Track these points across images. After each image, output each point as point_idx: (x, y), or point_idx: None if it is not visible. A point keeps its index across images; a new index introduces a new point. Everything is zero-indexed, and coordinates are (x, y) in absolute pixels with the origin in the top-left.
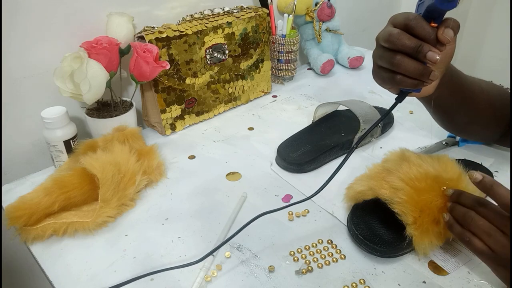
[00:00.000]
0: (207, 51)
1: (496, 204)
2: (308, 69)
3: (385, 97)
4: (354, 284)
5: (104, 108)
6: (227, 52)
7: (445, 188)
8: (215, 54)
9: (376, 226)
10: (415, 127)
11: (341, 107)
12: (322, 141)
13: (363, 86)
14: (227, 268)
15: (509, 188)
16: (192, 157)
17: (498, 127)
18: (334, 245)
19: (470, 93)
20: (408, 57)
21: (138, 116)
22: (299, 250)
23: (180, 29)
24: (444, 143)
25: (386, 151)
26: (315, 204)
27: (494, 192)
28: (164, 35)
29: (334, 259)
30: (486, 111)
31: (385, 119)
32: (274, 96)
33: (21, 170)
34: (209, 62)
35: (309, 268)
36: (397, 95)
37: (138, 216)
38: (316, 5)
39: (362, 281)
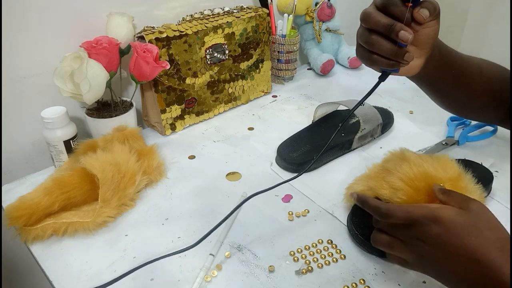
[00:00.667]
0: (207, 51)
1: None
2: (308, 69)
3: (385, 97)
4: (354, 284)
5: (104, 108)
6: (227, 52)
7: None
8: (215, 54)
9: None
10: (415, 127)
11: (341, 107)
12: (322, 141)
13: (363, 86)
14: (227, 268)
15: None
16: (192, 157)
17: (497, 110)
18: (334, 245)
19: (463, 73)
20: (383, 37)
21: (138, 116)
22: (299, 250)
23: (180, 29)
24: (443, 143)
25: (386, 151)
26: (315, 204)
27: (368, 205)
28: (164, 35)
29: (334, 259)
30: (484, 92)
31: (385, 119)
32: (274, 96)
33: (21, 170)
34: (209, 62)
35: (309, 268)
36: (380, 74)
37: (138, 216)
38: (316, 5)
39: (362, 281)
